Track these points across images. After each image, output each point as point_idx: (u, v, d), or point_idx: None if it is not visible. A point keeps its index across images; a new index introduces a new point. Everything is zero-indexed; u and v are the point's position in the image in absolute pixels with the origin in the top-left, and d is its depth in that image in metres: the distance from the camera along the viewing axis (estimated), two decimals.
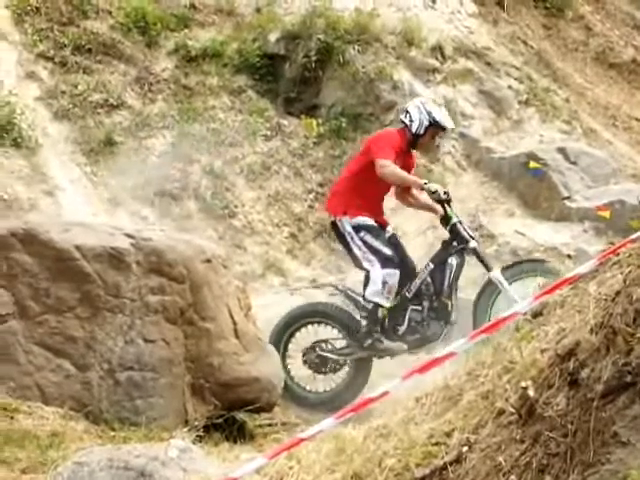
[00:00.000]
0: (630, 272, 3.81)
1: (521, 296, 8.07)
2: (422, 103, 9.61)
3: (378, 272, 8.98)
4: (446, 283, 9.23)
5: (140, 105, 14.12)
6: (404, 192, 9.74)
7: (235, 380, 7.51)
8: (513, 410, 3.75)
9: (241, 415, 7.77)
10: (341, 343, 9.45)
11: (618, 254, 4.72)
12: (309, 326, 9.53)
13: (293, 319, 9.47)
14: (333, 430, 4.95)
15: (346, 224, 9.14)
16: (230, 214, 13.21)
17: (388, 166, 8.98)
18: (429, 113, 9.35)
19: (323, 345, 9.43)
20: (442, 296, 9.22)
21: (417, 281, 9.23)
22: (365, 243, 9.08)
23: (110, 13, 14.89)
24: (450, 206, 9.37)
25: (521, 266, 9.39)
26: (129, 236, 7.35)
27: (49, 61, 14.20)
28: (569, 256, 12.39)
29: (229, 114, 14.25)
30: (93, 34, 14.51)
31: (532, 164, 13.76)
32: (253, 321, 8.04)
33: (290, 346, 9.42)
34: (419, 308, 9.21)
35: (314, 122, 14.38)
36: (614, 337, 3.51)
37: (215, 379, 7.42)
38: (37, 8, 14.52)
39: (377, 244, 9.10)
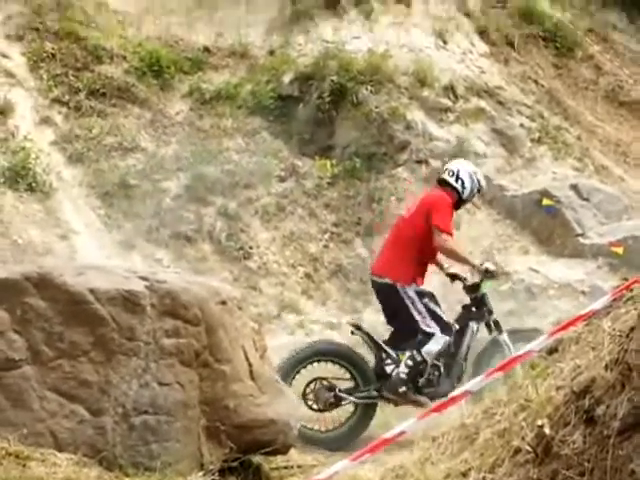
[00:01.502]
0: None
1: None
2: (474, 172, 9.82)
3: (441, 337, 9.29)
4: (464, 345, 9.53)
5: (154, 148, 14.20)
6: None
7: (251, 422, 7.45)
8: (529, 448, 3.72)
9: (257, 458, 7.70)
10: (348, 384, 9.50)
11: (632, 290, 4.71)
12: (317, 363, 9.53)
13: (304, 356, 9.46)
14: (349, 472, 4.92)
15: (410, 291, 9.31)
16: (245, 255, 13.24)
17: (449, 241, 9.35)
18: (479, 182, 9.73)
19: (324, 382, 9.49)
20: (459, 357, 9.50)
21: (438, 349, 9.40)
22: (428, 309, 9.33)
23: (124, 58, 15.03)
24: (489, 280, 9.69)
25: (521, 333, 9.61)
26: (143, 279, 7.32)
27: (64, 106, 14.33)
28: (583, 292, 12.37)
29: (243, 155, 14.32)
30: (107, 78, 14.65)
31: (545, 201, 13.77)
32: (269, 362, 8.00)
33: (295, 382, 9.40)
34: (438, 364, 9.44)
35: (328, 163, 14.43)
36: (629, 373, 3.48)
37: (231, 422, 7.35)
38: (52, 54, 14.68)
39: (439, 311, 9.42)
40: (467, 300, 9.81)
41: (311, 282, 13.27)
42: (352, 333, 9.74)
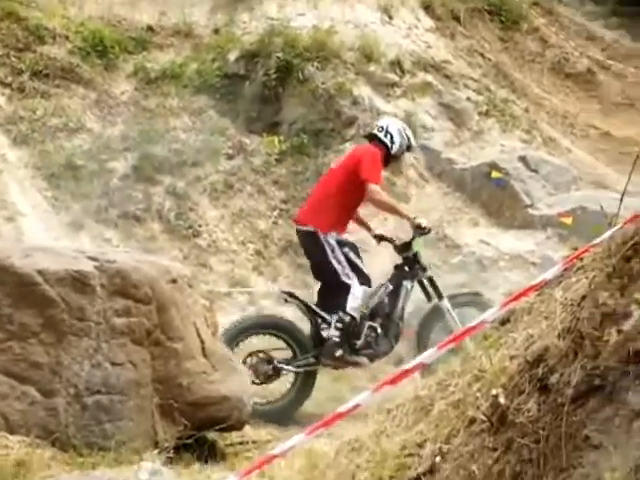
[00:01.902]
0: (595, 277, 3.81)
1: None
2: (403, 128, 9.86)
3: (359, 288, 9.26)
4: (399, 305, 9.54)
5: (100, 128, 14.07)
6: None
7: (205, 399, 7.44)
8: (484, 418, 3.73)
9: (211, 434, 7.70)
10: (286, 354, 9.48)
11: (582, 259, 4.74)
12: (255, 337, 9.52)
13: (240, 330, 9.40)
14: (305, 446, 4.92)
15: (331, 239, 9.30)
16: (194, 233, 13.18)
17: (380, 193, 9.39)
18: (408, 138, 9.77)
19: (261, 355, 9.46)
20: (394, 316, 9.51)
21: (375, 299, 9.47)
22: (347, 259, 9.31)
23: (67, 38, 14.84)
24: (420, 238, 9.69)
25: (460, 297, 9.78)
26: (92, 259, 7.26)
27: (7, 87, 14.13)
28: (534, 263, 12.46)
29: (190, 134, 14.23)
30: (50, 59, 14.46)
31: (494, 174, 13.85)
32: (221, 339, 8.00)
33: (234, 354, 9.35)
34: (374, 325, 9.45)
35: (276, 139, 14.39)
36: (582, 341, 3.50)
37: (184, 399, 7.33)
38: None
39: (358, 262, 9.42)
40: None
41: (261, 259, 13.25)
42: (285, 301, 9.74)
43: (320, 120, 14.62)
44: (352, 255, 9.39)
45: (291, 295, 9.72)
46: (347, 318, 9.28)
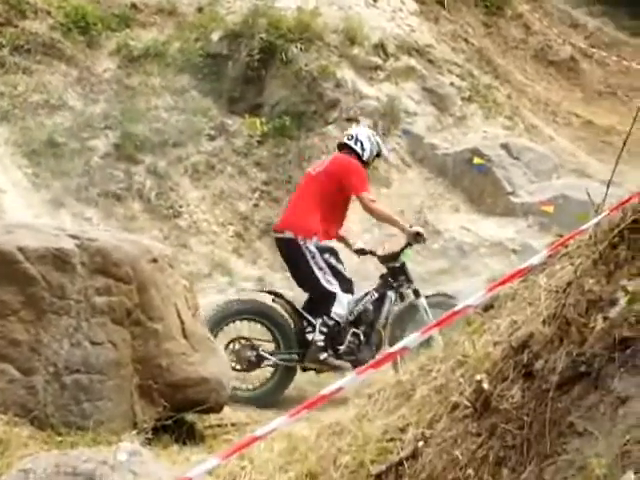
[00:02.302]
0: (581, 263, 3.80)
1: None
2: (373, 135, 10.02)
3: (343, 295, 9.33)
4: (383, 314, 9.56)
5: (82, 106, 13.98)
6: None
7: (184, 381, 7.41)
8: (468, 403, 3.73)
9: (190, 416, 7.68)
10: (269, 345, 9.48)
11: (567, 246, 4.74)
12: (242, 322, 9.50)
13: (227, 314, 9.38)
14: (285, 429, 4.91)
15: (311, 245, 9.27)
16: (175, 214, 13.13)
17: (376, 202, 9.70)
18: (378, 144, 9.88)
19: (246, 341, 9.45)
20: (378, 325, 9.54)
21: (360, 307, 9.50)
22: (329, 265, 9.31)
23: (49, 13, 14.73)
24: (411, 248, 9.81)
25: (432, 298, 9.73)
26: (74, 237, 7.22)
27: None
28: (514, 251, 12.48)
29: (172, 114, 14.16)
30: (32, 34, 14.35)
31: (476, 160, 13.85)
32: (201, 321, 7.96)
33: (218, 338, 9.34)
34: (357, 332, 9.49)
35: (258, 121, 14.34)
36: (567, 328, 3.50)
37: (163, 380, 7.30)
38: None
39: (340, 267, 9.40)
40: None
41: (242, 241, 13.22)
42: (273, 301, 9.64)
43: (303, 102, 14.57)
44: (333, 260, 9.36)
45: (277, 295, 9.67)
46: (331, 322, 9.32)
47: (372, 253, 9.94)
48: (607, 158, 14.45)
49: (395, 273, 9.72)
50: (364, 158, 9.70)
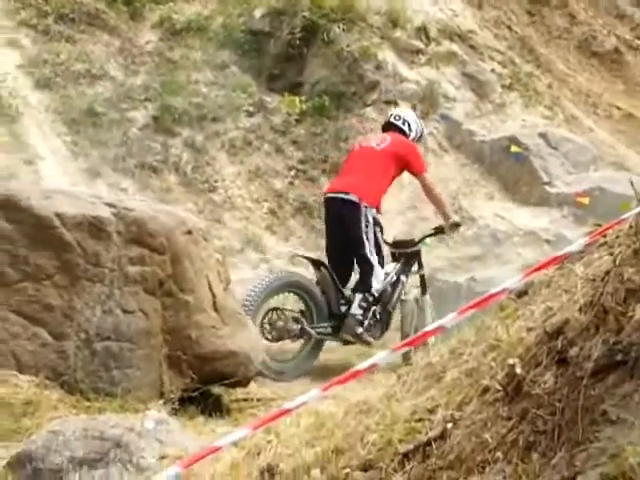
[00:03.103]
0: (620, 252, 3.77)
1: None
2: (418, 117, 10.63)
3: (380, 270, 9.62)
4: (396, 296, 9.86)
5: (123, 77, 14.02)
6: None
7: (212, 353, 7.46)
8: (499, 387, 3.72)
9: (217, 389, 7.72)
10: (306, 318, 9.61)
11: (605, 236, 4.71)
12: (282, 294, 9.69)
13: (275, 287, 9.51)
14: (312, 406, 4.91)
15: (370, 213, 9.56)
16: (210, 188, 13.15)
17: (435, 185, 10.21)
18: (422, 127, 10.46)
19: (289, 313, 9.61)
20: (390, 305, 9.84)
21: (380, 287, 9.66)
22: (376, 238, 9.62)
23: None
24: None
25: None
26: (110, 205, 7.27)
27: (31, 29, 14.08)
28: (547, 241, 12.43)
29: (212, 89, 14.17)
30: (77, 3, 14.40)
31: (513, 148, 13.77)
32: (232, 295, 7.99)
33: (260, 312, 9.44)
34: (375, 310, 9.71)
35: (297, 99, 14.32)
36: (605, 316, 3.47)
37: (192, 352, 7.36)
38: None
39: (382, 244, 9.76)
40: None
41: (275, 218, 13.23)
42: (317, 269, 9.76)
43: (342, 83, 14.53)
44: (380, 236, 9.69)
45: (321, 264, 9.77)
46: (370, 298, 9.56)
47: (385, 242, 10.03)
48: None
49: (409, 259, 9.99)
50: (410, 138, 10.07)
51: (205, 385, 7.49)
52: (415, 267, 10.09)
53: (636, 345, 3.23)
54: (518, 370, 3.69)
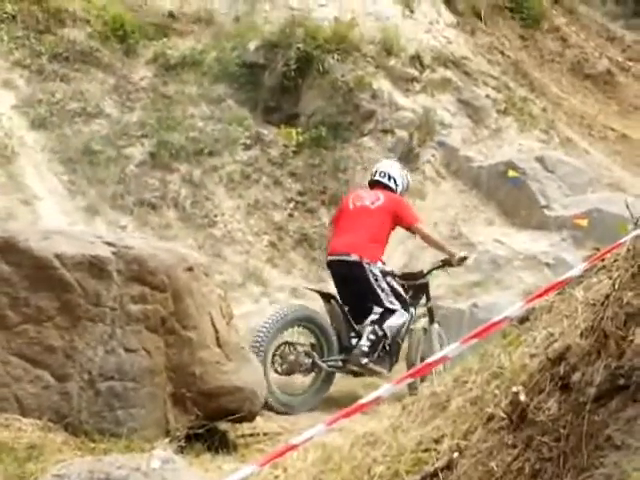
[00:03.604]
0: (619, 276, 3.78)
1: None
2: (401, 168, 10.78)
3: (402, 313, 9.84)
4: (405, 328, 9.98)
5: (118, 114, 14.05)
6: None
7: (217, 389, 7.44)
8: (504, 415, 3.72)
9: (223, 425, 7.70)
10: (317, 351, 9.73)
11: (603, 259, 4.71)
12: (295, 328, 9.78)
13: (287, 322, 9.60)
14: (319, 439, 4.90)
15: (374, 269, 9.80)
16: (210, 223, 13.16)
17: (430, 231, 10.72)
18: (408, 179, 10.70)
19: (300, 347, 9.72)
20: (399, 338, 9.97)
21: (396, 326, 9.87)
22: (391, 287, 9.85)
23: (88, 21, 14.82)
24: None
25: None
26: (110, 244, 7.27)
27: (25, 69, 14.11)
28: (548, 264, 12.42)
29: (208, 123, 14.20)
30: (70, 42, 14.44)
31: (511, 173, 13.78)
32: (235, 330, 7.98)
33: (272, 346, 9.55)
34: (386, 342, 9.86)
35: (293, 131, 14.34)
36: (605, 341, 3.48)
37: (197, 388, 7.34)
38: (13, 16, 14.43)
39: (400, 290, 9.94)
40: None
41: (276, 251, 13.23)
42: (327, 302, 9.92)
43: (339, 113, 14.56)
44: (394, 283, 9.91)
45: (331, 297, 9.95)
46: (380, 332, 9.72)
47: (392, 274, 10.12)
48: None
49: (421, 290, 10.17)
50: (398, 192, 10.39)
51: (211, 421, 7.47)
52: (423, 299, 10.26)
53: (638, 369, 3.23)
54: (522, 397, 3.69)
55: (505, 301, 10.68)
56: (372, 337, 9.67)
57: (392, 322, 9.75)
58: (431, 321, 10.23)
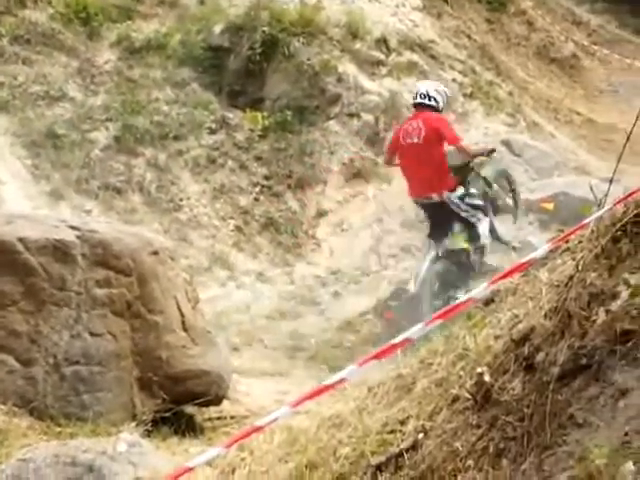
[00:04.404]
0: (583, 257, 3.80)
1: None
2: (437, 86, 11.48)
3: (484, 219, 11.06)
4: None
5: (82, 97, 13.94)
6: None
7: (184, 373, 7.43)
8: (469, 396, 3.73)
9: (190, 409, 7.69)
10: None
11: (568, 241, 4.74)
12: None
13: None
14: (285, 422, 4.91)
15: (453, 197, 10.83)
16: (175, 207, 13.11)
17: (469, 147, 11.16)
18: (445, 93, 11.37)
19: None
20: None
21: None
22: (469, 205, 10.93)
23: (49, 3, 14.69)
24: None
25: None
26: (74, 228, 7.23)
27: None
28: (514, 248, 12.46)
29: (173, 107, 14.13)
30: (32, 24, 14.31)
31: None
32: (201, 314, 7.96)
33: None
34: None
35: (259, 115, 14.29)
36: (569, 321, 3.50)
37: (163, 372, 7.32)
38: None
39: (476, 201, 11.04)
40: None
41: (242, 235, 13.19)
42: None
43: (304, 97, 14.53)
44: (468, 200, 10.92)
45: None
46: (480, 244, 11.03)
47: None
48: (608, 156, 14.45)
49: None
50: (440, 109, 11.09)
51: (177, 405, 7.46)
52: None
53: (600, 349, 3.25)
54: (486, 378, 3.71)
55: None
56: (477, 251, 11.04)
57: (483, 231, 11.00)
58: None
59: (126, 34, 14.87)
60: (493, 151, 11.46)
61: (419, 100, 11.09)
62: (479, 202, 11.13)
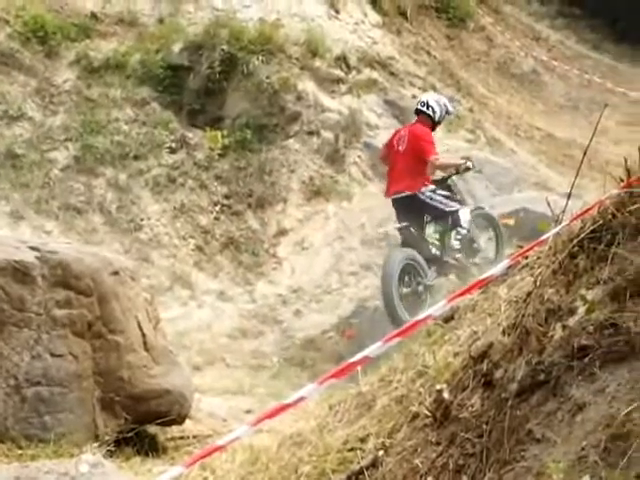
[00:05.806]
0: (540, 273, 3.84)
1: None
2: (439, 98, 12.10)
3: (463, 208, 11.65)
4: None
5: (41, 117, 13.88)
6: None
7: (146, 393, 7.39)
8: (428, 413, 3.75)
9: (152, 428, 7.65)
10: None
11: (527, 257, 4.78)
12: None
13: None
14: (246, 440, 4.91)
15: (426, 191, 11.32)
16: (136, 227, 13.07)
17: (439, 161, 11.60)
18: (446, 105, 11.92)
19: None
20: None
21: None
22: (443, 196, 11.45)
23: (7, 22, 14.61)
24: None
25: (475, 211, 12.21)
26: (34, 249, 7.19)
27: None
28: (475, 263, 12.52)
29: (133, 126, 14.10)
30: None
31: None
32: (162, 333, 7.93)
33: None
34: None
35: (219, 134, 14.29)
36: (527, 337, 3.53)
37: (125, 392, 7.28)
38: None
39: (449, 193, 11.58)
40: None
41: (202, 254, 13.18)
42: (400, 231, 11.30)
43: (264, 115, 14.55)
44: (441, 191, 11.45)
45: (406, 227, 11.28)
46: (463, 231, 11.53)
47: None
48: (567, 171, 14.57)
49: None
50: (436, 119, 11.72)
51: (140, 425, 7.41)
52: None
53: (557, 365, 3.28)
54: (446, 395, 3.73)
55: None
56: (458, 236, 11.52)
57: (463, 218, 11.51)
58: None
59: (85, 53, 14.82)
60: (468, 169, 11.94)
61: (419, 107, 11.83)
62: (450, 194, 11.65)
